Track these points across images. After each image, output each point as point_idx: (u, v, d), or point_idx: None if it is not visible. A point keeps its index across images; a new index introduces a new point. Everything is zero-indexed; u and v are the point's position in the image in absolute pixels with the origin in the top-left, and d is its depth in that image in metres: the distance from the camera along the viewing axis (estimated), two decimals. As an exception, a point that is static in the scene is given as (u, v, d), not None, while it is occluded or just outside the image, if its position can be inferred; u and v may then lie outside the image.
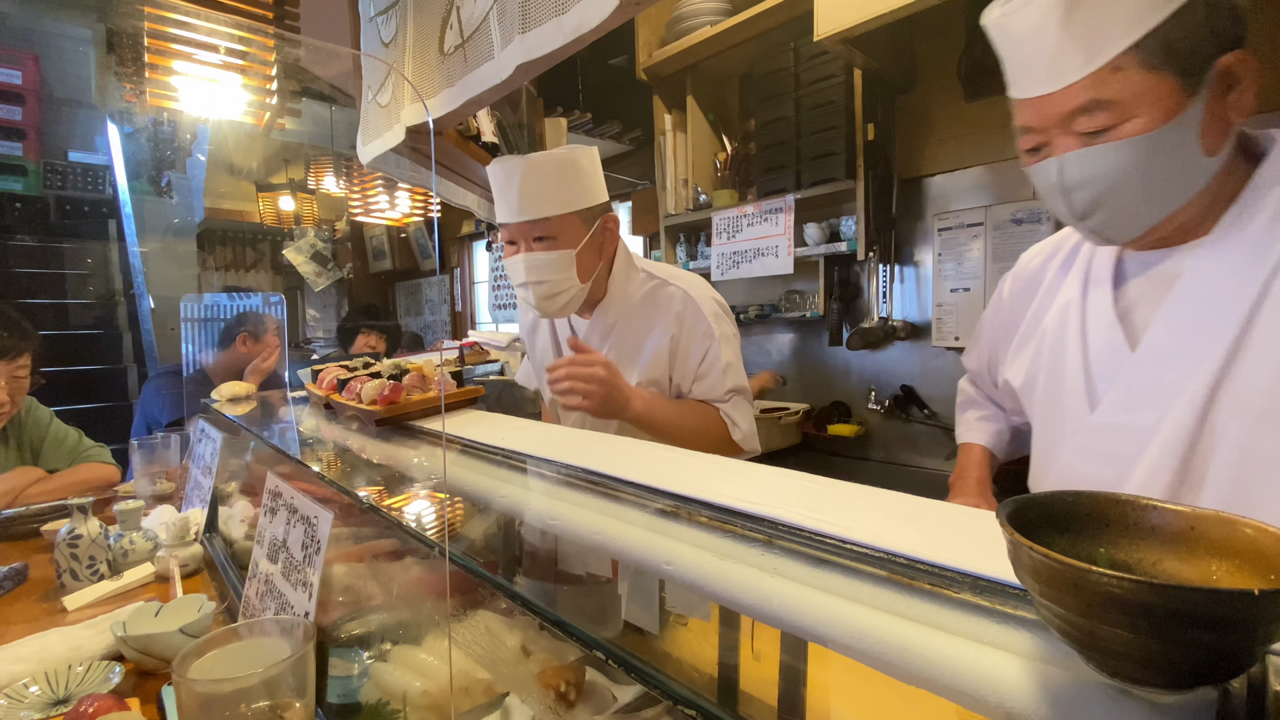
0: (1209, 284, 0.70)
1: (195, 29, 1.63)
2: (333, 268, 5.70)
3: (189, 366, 2.25)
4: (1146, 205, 0.70)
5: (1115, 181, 0.68)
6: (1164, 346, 0.72)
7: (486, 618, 0.75)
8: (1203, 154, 0.67)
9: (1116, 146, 0.66)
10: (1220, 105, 0.67)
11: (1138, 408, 0.74)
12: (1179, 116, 0.65)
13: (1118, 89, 0.65)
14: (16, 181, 4.03)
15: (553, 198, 1.17)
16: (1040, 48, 0.68)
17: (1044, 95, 0.69)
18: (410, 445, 1.02)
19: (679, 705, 0.40)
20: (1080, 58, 0.66)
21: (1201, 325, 0.69)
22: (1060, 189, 0.72)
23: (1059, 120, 0.69)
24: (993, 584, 0.34)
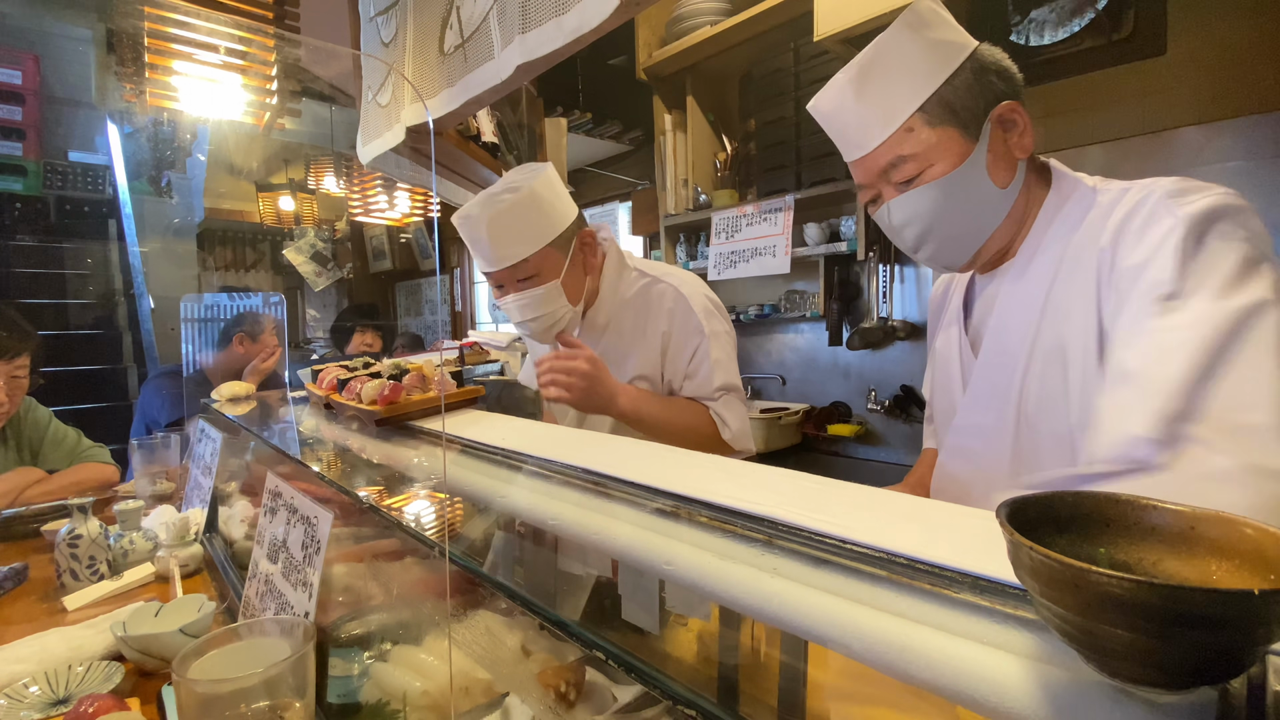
0: (1015, 297, 0.83)
1: (195, 29, 1.63)
2: (333, 268, 5.70)
3: (189, 366, 2.25)
4: (961, 234, 0.84)
5: (931, 218, 0.83)
6: (992, 356, 0.86)
7: (486, 618, 0.75)
8: (996, 187, 0.81)
9: (924, 190, 0.81)
10: (1003, 146, 0.81)
11: (981, 410, 0.87)
12: (967, 160, 0.80)
13: (914, 145, 0.80)
14: (16, 181, 4.03)
15: (522, 238, 1.17)
16: (847, 121, 0.85)
17: (861, 157, 0.85)
18: (410, 445, 1.02)
19: (679, 705, 0.40)
20: (879, 125, 0.81)
21: (1010, 335, 0.83)
22: (893, 229, 0.87)
23: (879, 175, 0.84)
24: (993, 584, 0.34)
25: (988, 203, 0.82)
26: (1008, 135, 0.81)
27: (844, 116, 0.85)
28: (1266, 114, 1.61)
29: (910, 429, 2.34)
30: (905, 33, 0.81)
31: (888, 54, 0.81)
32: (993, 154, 0.80)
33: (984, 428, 0.86)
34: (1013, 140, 0.81)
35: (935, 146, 0.79)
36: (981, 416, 0.87)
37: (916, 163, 0.80)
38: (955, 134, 0.79)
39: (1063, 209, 0.81)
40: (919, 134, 0.79)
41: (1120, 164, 1.84)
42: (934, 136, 0.79)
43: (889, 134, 0.81)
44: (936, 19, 0.81)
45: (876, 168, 0.84)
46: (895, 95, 0.80)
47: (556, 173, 1.26)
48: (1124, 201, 0.75)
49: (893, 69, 0.80)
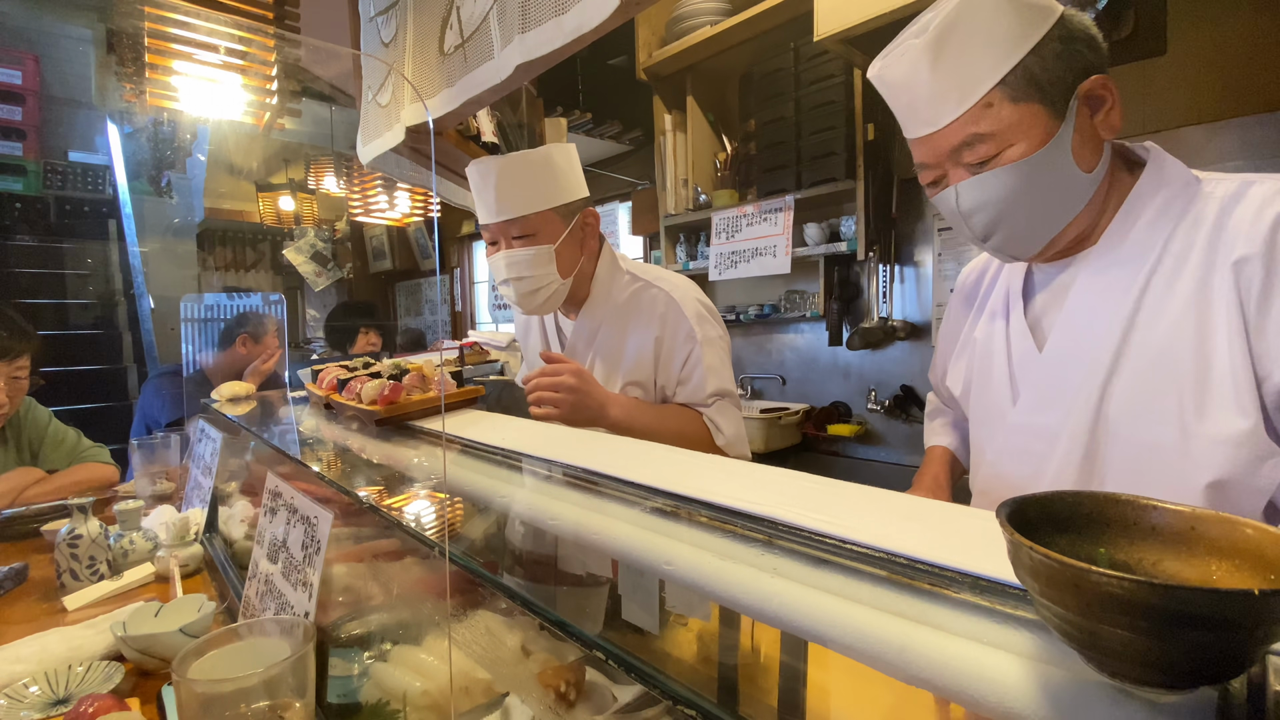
0: (1096, 290, 0.77)
1: (195, 29, 1.63)
2: (333, 268, 5.70)
3: (189, 366, 2.25)
4: (1038, 222, 0.76)
5: (1006, 204, 0.75)
6: (1063, 351, 0.79)
7: (486, 618, 0.75)
8: (1080, 171, 0.74)
9: (1001, 172, 0.73)
10: (1089, 126, 0.74)
11: (1046, 408, 0.80)
12: (1052, 140, 0.72)
13: (992, 122, 0.72)
14: (16, 181, 4.03)
15: (529, 195, 1.18)
16: (918, 94, 0.76)
17: (929, 134, 0.77)
18: (410, 445, 1.02)
19: (679, 705, 0.40)
20: (954, 99, 0.73)
21: (1091, 328, 0.76)
22: (960, 215, 0.79)
23: (947, 155, 0.76)
24: (993, 584, 0.34)
25: (1071, 188, 0.74)
26: (1095, 113, 0.74)
27: (916, 89, 0.75)
28: (1266, 114, 1.61)
29: (910, 429, 2.34)
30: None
31: (968, 18, 0.71)
32: (1079, 134, 0.73)
33: (1048, 429, 0.79)
34: (1100, 119, 0.74)
35: (1017, 124, 0.71)
36: (1044, 416, 0.80)
37: (994, 142, 0.72)
38: (1040, 111, 0.71)
39: (1158, 197, 0.74)
40: (999, 110, 0.71)
41: (1120, 164, 1.84)
42: (1016, 114, 0.71)
43: (964, 110, 0.72)
44: None
45: (946, 147, 0.75)
46: (975, 65, 0.71)
47: (577, 154, 1.27)
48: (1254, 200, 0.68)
49: (974, 34, 0.71)
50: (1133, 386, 0.72)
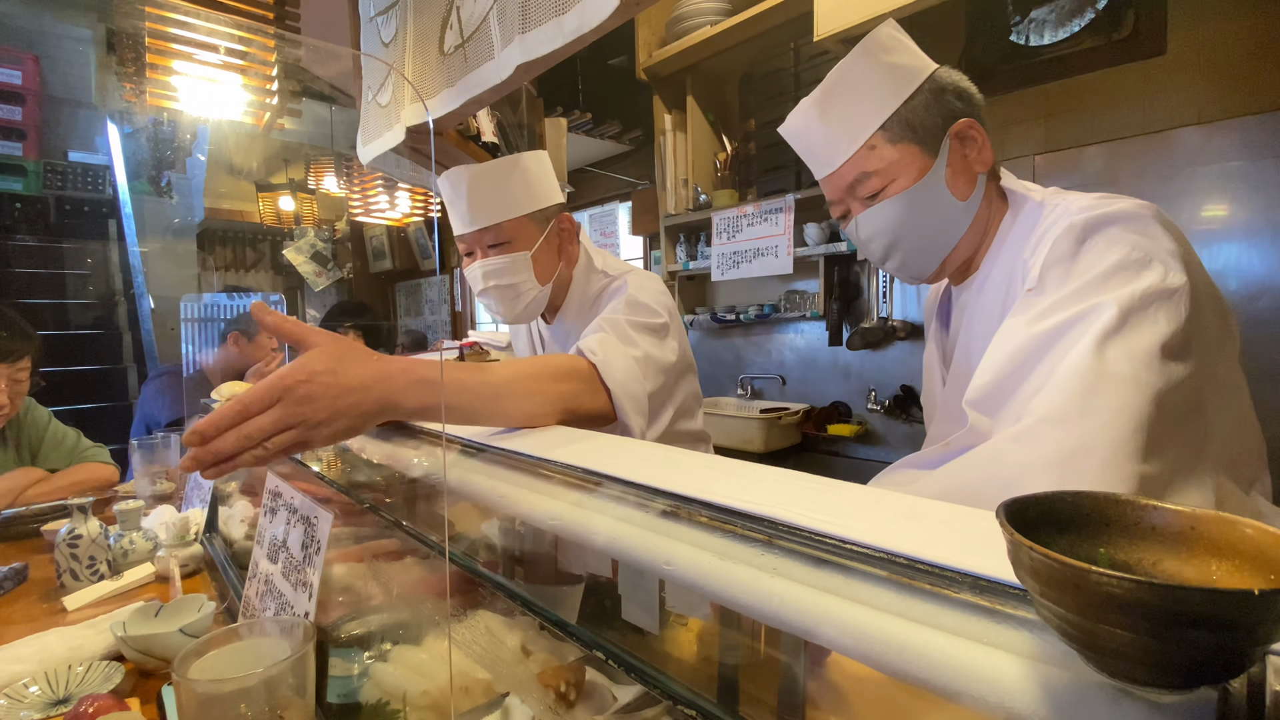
0: (976, 312, 0.87)
1: (195, 29, 1.63)
2: (333, 268, 5.70)
3: (189, 366, 2.25)
4: (925, 246, 0.88)
5: (895, 231, 0.87)
6: (957, 367, 0.89)
7: (486, 618, 0.75)
8: (955, 200, 0.85)
9: (888, 203, 0.85)
10: (962, 161, 0.85)
11: (949, 423, 0.88)
12: (928, 174, 0.84)
13: (876, 162, 0.85)
14: (16, 181, 4.03)
15: (502, 203, 1.16)
16: (814, 141, 0.89)
17: (828, 175, 0.90)
18: (410, 445, 1.02)
19: (679, 705, 0.40)
20: (844, 144, 0.86)
21: (973, 347, 0.86)
22: (861, 242, 0.91)
23: (845, 191, 0.89)
24: (993, 584, 0.34)
25: (949, 215, 0.86)
26: (966, 150, 0.85)
27: (811, 137, 0.89)
28: (1266, 114, 1.61)
29: (910, 429, 2.34)
30: (865, 58, 0.85)
31: (850, 77, 0.85)
32: (952, 169, 0.85)
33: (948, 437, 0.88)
34: (971, 155, 0.85)
35: (897, 163, 0.84)
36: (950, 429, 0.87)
37: (880, 178, 0.85)
38: (915, 150, 0.84)
39: (1016, 223, 0.85)
40: (881, 151, 0.84)
41: (1120, 164, 1.84)
42: (895, 153, 0.84)
43: (853, 151, 0.85)
44: (896, 44, 0.85)
45: (843, 184, 0.88)
46: (858, 115, 0.84)
47: (550, 160, 1.25)
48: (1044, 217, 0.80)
49: (855, 91, 0.85)
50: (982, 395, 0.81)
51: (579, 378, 0.91)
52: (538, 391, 0.82)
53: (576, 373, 0.92)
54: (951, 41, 2.08)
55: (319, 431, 0.60)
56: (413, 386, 0.66)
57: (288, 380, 0.58)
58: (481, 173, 1.16)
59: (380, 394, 0.63)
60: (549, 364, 0.92)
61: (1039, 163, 1.99)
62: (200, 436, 0.56)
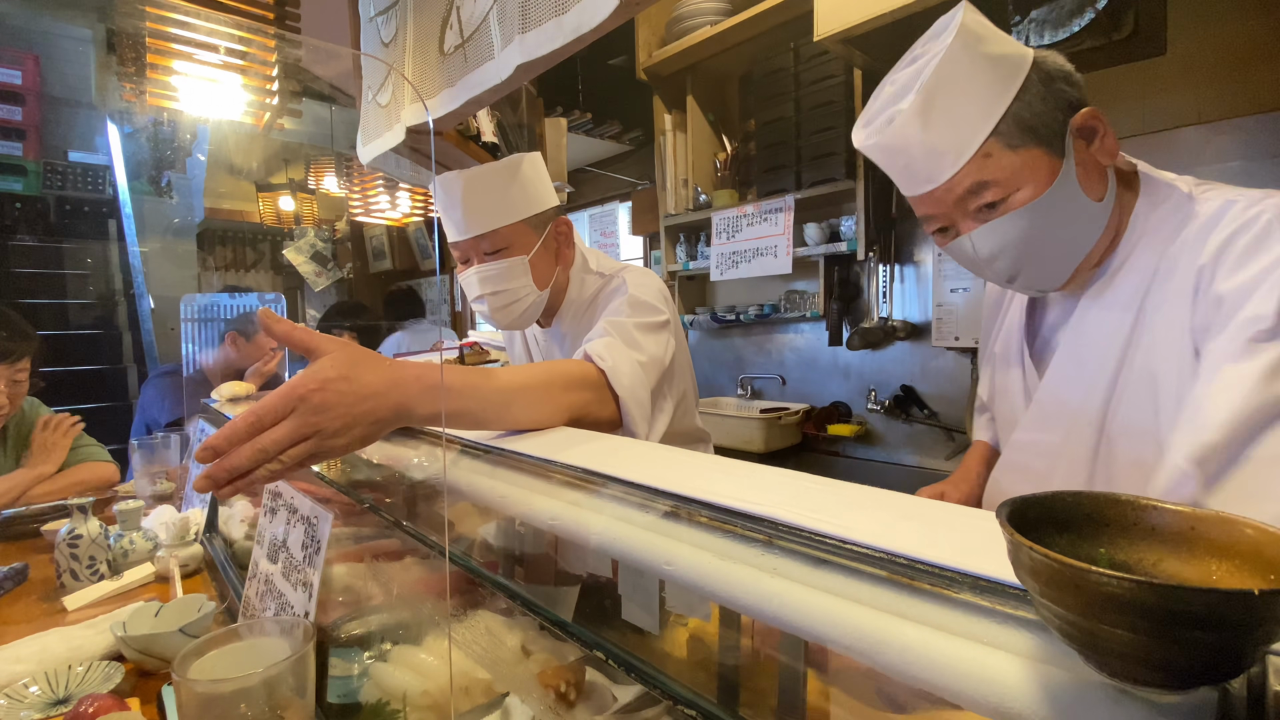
0: (1097, 312, 0.78)
1: (195, 29, 1.63)
2: (333, 268, 5.69)
3: (189, 366, 2.25)
4: (1061, 256, 0.77)
5: (1025, 246, 0.76)
6: (1065, 370, 0.80)
7: (486, 618, 0.75)
8: (1091, 200, 0.75)
9: (1014, 216, 0.74)
10: (1089, 156, 0.75)
11: (1047, 427, 0.81)
12: (1058, 179, 0.73)
13: (994, 170, 0.73)
14: (16, 181, 4.03)
15: (498, 208, 1.14)
16: (913, 155, 0.76)
17: (931, 190, 0.77)
18: (410, 445, 1.02)
19: (679, 705, 0.40)
20: (951, 156, 0.74)
21: (1093, 349, 0.77)
22: (979, 262, 0.79)
23: (953, 205, 0.77)
24: (993, 584, 0.34)
25: (1086, 218, 0.76)
26: (1090, 144, 0.75)
27: (910, 151, 0.76)
28: (1266, 114, 1.61)
29: (910, 429, 2.34)
30: (963, 52, 0.72)
31: (949, 76, 0.72)
32: (1081, 167, 0.74)
33: (1050, 447, 0.81)
34: (1096, 148, 0.75)
35: (1020, 170, 0.73)
36: (1047, 435, 0.81)
37: (999, 188, 0.73)
38: (1039, 153, 0.73)
39: (1153, 217, 0.75)
40: (999, 159, 0.73)
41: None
42: (1016, 160, 0.73)
43: (963, 162, 0.73)
44: (989, 32, 0.73)
45: (951, 198, 0.76)
46: (965, 120, 0.73)
47: (543, 162, 1.23)
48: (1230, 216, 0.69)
49: (957, 92, 0.72)
50: (1128, 407, 0.74)
51: (589, 386, 0.92)
52: (548, 400, 0.81)
53: (586, 381, 0.92)
54: (951, 41, 2.08)
55: (335, 441, 0.57)
56: (426, 393, 0.65)
57: (301, 389, 0.56)
58: (476, 177, 1.13)
59: (395, 400, 0.62)
60: (559, 371, 0.91)
61: (1039, 163, 1.99)
62: (213, 452, 0.54)
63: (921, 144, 0.74)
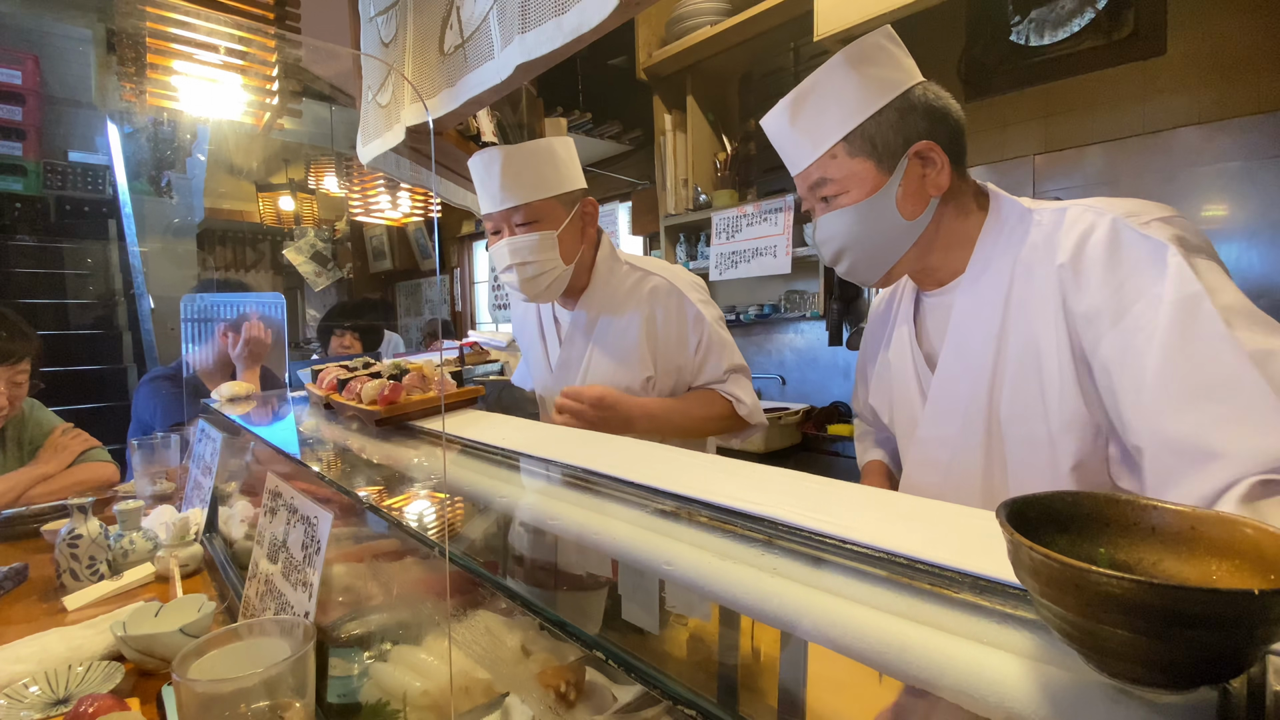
0: (969, 312, 0.87)
1: (195, 29, 1.63)
2: (333, 268, 5.70)
3: (188, 369, 2.24)
4: (870, 257, 0.91)
5: (844, 239, 0.90)
6: (951, 368, 0.89)
7: (486, 618, 0.75)
8: (903, 219, 0.87)
9: (839, 214, 0.89)
10: (918, 182, 0.86)
11: (945, 420, 0.90)
12: (878, 192, 0.86)
13: (835, 170, 0.87)
14: (16, 181, 4.03)
15: (532, 183, 1.22)
16: (785, 141, 0.93)
17: (796, 174, 0.93)
18: (410, 445, 1.02)
19: (679, 705, 0.40)
20: (809, 148, 0.89)
21: (970, 346, 0.87)
22: (817, 243, 0.96)
23: (809, 191, 0.92)
24: (993, 584, 0.34)
25: (895, 232, 0.88)
26: (926, 171, 0.86)
27: (783, 137, 0.93)
28: (1266, 114, 1.61)
29: (910, 429, 2.34)
30: (843, 67, 0.86)
31: (824, 84, 0.87)
32: (905, 189, 0.86)
33: (949, 438, 0.89)
34: (930, 176, 0.86)
35: (852, 175, 0.86)
36: (945, 428, 0.90)
37: (836, 186, 0.88)
38: (870, 166, 0.85)
39: (1004, 229, 0.86)
40: (840, 161, 0.87)
41: (1120, 164, 1.84)
42: (853, 165, 0.86)
43: (815, 157, 0.88)
44: (880, 55, 0.86)
45: (806, 184, 0.92)
46: (824, 123, 0.87)
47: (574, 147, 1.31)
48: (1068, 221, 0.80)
49: (826, 99, 0.87)
50: (1011, 391, 0.82)
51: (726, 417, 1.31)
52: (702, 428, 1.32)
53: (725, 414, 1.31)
54: (951, 41, 2.08)
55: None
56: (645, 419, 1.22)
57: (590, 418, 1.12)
58: (514, 153, 1.21)
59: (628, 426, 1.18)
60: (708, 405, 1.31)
61: (1039, 163, 1.99)
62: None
63: (790, 133, 0.90)
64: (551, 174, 1.23)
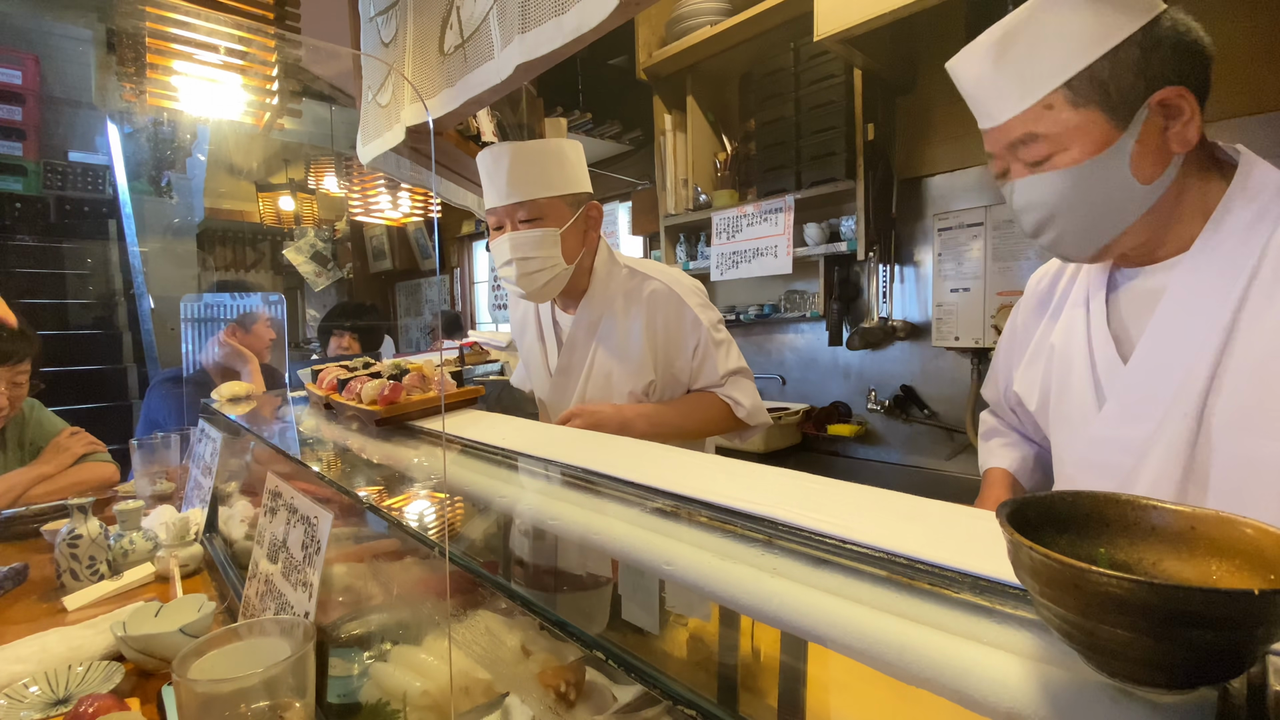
0: (1191, 297, 0.73)
1: (195, 29, 1.63)
2: (333, 268, 5.70)
3: (189, 367, 2.25)
4: (1088, 228, 0.75)
5: (1055, 207, 0.74)
6: (1153, 359, 0.75)
7: (486, 618, 0.75)
8: (1138, 183, 0.71)
9: (1051, 176, 0.72)
10: (1157, 137, 0.70)
11: (1134, 420, 0.75)
12: (1108, 150, 0.70)
13: (1050, 124, 0.71)
14: (16, 181, 4.03)
15: (539, 181, 1.22)
16: (982, 87, 0.75)
17: (991, 128, 0.77)
18: (410, 445, 1.02)
19: (679, 705, 0.40)
20: (1015, 96, 0.72)
21: (1187, 337, 0.72)
22: (1015, 210, 0.79)
23: (1007, 149, 0.76)
24: (993, 584, 0.34)
25: (1124, 198, 0.72)
26: (1169, 125, 0.70)
27: (981, 82, 0.74)
28: (1266, 114, 1.61)
29: (910, 429, 2.34)
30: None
31: (1044, 13, 0.69)
32: (1142, 145, 0.70)
33: (1136, 442, 0.75)
34: (1174, 131, 0.70)
35: (1074, 129, 0.69)
36: (1132, 429, 0.75)
37: (1049, 143, 0.71)
38: (1100, 118, 0.69)
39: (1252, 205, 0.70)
40: (1058, 113, 0.69)
41: (1120, 164, 1.84)
42: (1075, 118, 0.69)
43: (1023, 108, 0.71)
44: None
45: (1005, 141, 0.75)
46: (1039, 65, 0.69)
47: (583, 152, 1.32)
48: None
49: (1045, 32, 0.69)
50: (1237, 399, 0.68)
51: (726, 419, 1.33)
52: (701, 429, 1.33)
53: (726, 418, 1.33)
54: (951, 41, 2.08)
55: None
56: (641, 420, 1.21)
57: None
58: (523, 149, 1.22)
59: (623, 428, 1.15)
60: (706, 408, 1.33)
61: (1039, 163, 1.99)
62: None
63: (991, 78, 0.72)
64: (559, 174, 1.24)
